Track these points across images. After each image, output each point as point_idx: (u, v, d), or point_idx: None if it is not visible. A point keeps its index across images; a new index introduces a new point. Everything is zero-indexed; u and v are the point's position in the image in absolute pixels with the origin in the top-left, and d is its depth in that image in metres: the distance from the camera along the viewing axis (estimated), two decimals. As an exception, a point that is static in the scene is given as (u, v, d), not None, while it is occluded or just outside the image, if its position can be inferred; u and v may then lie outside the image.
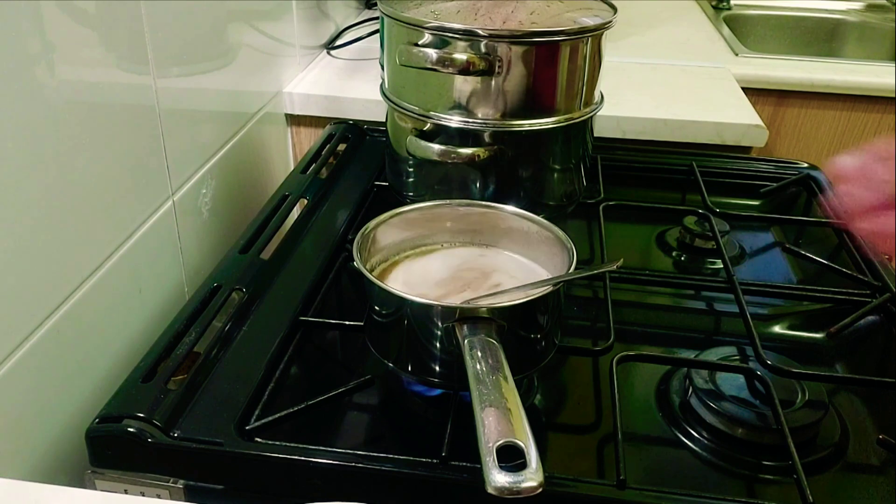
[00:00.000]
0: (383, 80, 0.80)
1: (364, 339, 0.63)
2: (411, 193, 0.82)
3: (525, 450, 0.44)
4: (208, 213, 0.86)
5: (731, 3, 1.72)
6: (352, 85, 1.15)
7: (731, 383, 0.62)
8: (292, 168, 1.04)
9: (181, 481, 0.55)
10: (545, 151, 0.77)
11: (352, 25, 1.37)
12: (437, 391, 0.62)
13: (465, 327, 0.53)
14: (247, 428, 0.57)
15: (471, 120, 0.73)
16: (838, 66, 1.33)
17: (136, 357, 0.63)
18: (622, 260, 0.57)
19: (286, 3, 1.08)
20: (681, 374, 0.65)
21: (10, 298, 0.56)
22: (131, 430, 0.55)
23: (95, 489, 0.56)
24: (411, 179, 0.81)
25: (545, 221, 0.64)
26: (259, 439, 0.56)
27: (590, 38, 0.73)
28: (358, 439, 0.60)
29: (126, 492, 0.56)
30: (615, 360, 0.63)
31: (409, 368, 0.59)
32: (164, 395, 0.58)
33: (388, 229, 0.65)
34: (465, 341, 0.52)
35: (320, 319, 0.70)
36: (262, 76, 1.02)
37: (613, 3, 0.79)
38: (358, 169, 0.98)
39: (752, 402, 0.60)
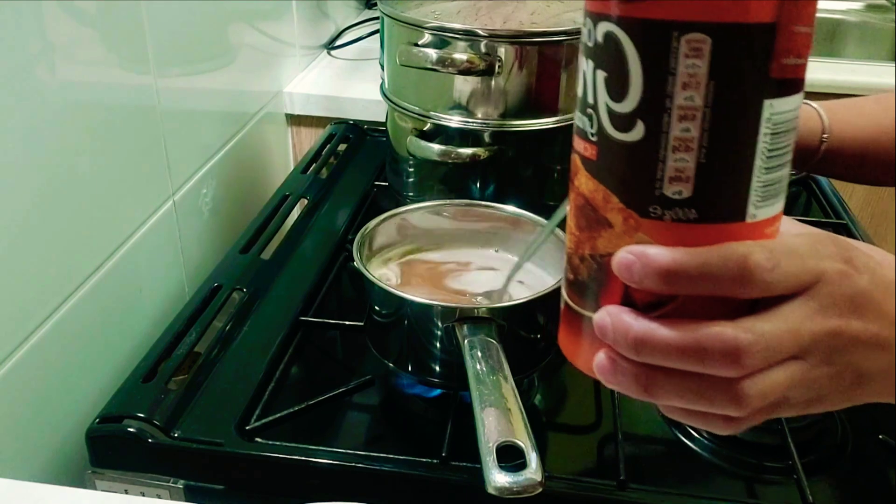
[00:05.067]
0: (383, 80, 0.80)
1: (364, 339, 0.63)
2: (411, 193, 0.82)
3: (525, 450, 0.44)
4: (209, 212, 0.86)
5: (732, 3, 1.71)
6: (352, 85, 1.15)
7: (731, 383, 0.62)
8: (292, 168, 1.04)
9: (181, 481, 0.55)
10: (545, 151, 0.77)
11: (352, 25, 1.37)
12: (437, 391, 0.62)
13: (465, 327, 0.53)
14: (247, 428, 0.57)
15: (471, 120, 0.73)
16: (838, 66, 1.33)
17: (136, 357, 0.63)
18: None
19: (286, 3, 1.08)
20: (681, 374, 0.65)
21: (11, 298, 0.56)
22: (131, 430, 0.55)
23: (96, 489, 0.56)
24: (411, 179, 0.81)
25: (545, 221, 0.64)
26: (259, 439, 0.56)
27: (590, 39, 0.73)
28: (358, 439, 0.60)
29: (126, 492, 0.56)
30: (615, 360, 0.63)
31: (409, 368, 0.59)
32: (165, 395, 0.58)
33: (388, 229, 0.65)
34: (465, 341, 0.52)
35: (320, 319, 0.70)
36: (262, 76, 1.02)
37: (613, 3, 0.79)
38: (358, 169, 0.98)
39: (752, 402, 0.60)
